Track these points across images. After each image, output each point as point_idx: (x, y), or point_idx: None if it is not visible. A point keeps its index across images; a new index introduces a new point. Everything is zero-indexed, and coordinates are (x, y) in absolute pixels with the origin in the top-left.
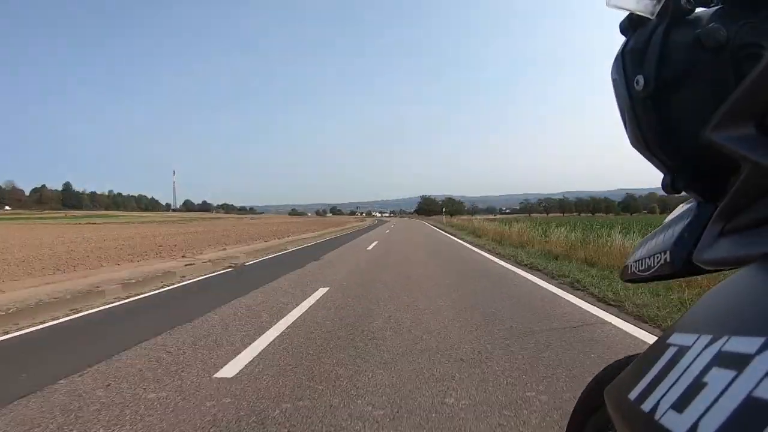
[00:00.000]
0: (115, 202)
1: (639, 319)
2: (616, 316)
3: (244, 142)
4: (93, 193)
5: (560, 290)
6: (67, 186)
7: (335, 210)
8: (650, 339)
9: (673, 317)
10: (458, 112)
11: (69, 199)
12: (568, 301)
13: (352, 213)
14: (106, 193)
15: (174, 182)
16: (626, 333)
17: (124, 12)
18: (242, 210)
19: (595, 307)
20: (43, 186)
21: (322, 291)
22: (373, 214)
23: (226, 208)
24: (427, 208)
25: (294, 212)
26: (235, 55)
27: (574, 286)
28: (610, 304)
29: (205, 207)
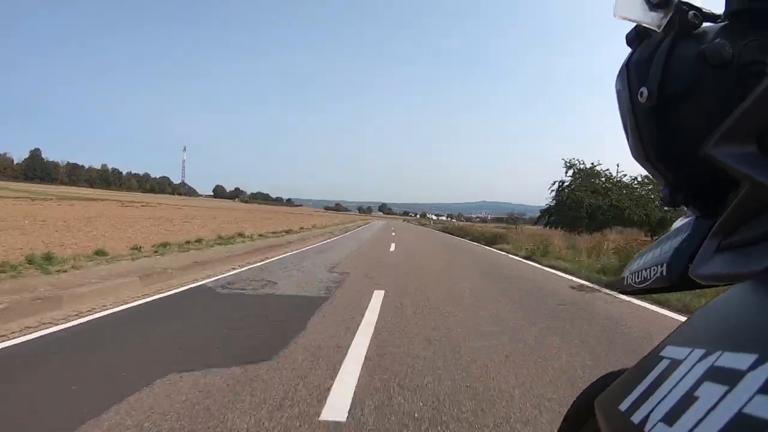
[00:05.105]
0: (105, 179)
1: None
2: None
3: (292, 133)
4: (74, 166)
5: None
6: (35, 153)
7: (384, 208)
8: None
9: None
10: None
11: (34, 170)
12: None
13: (405, 213)
14: (98, 168)
15: (184, 160)
16: None
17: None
18: (277, 201)
19: None
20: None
21: None
22: (428, 216)
23: (259, 198)
24: (572, 214)
25: (339, 207)
26: (289, 49)
27: None
28: None
29: (236, 194)
